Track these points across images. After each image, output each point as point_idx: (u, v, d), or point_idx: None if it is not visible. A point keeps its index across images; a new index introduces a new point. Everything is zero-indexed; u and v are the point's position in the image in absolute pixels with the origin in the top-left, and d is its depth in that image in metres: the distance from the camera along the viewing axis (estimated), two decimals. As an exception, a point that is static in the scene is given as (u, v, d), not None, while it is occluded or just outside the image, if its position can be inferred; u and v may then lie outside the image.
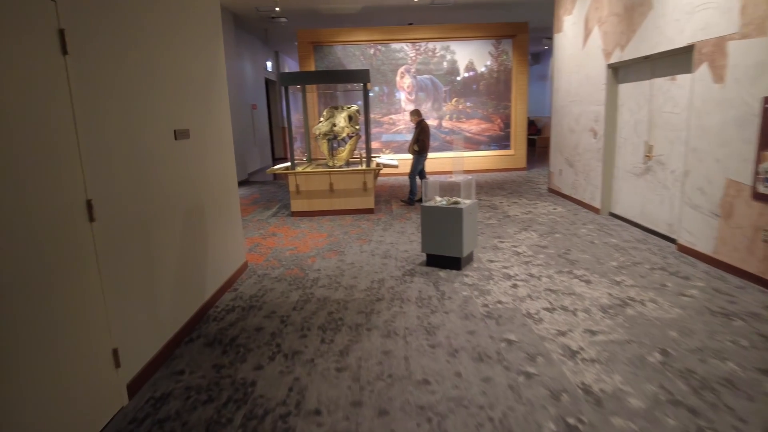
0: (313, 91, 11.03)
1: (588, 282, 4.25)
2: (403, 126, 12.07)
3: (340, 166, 7.74)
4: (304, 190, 7.23)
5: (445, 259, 4.63)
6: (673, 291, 3.98)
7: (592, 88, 7.13)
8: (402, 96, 11.99)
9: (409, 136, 11.95)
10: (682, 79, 5.09)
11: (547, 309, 3.69)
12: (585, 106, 7.39)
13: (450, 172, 11.55)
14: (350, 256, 5.19)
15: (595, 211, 7.05)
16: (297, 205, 7.30)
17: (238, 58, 12.46)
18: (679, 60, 5.14)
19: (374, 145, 11.94)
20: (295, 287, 4.30)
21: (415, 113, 7.86)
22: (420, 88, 11.93)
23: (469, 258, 4.80)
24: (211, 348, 3.23)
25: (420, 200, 8.16)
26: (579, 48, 7.51)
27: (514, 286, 4.19)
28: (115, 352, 2.52)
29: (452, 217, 4.46)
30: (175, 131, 3.38)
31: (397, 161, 8.43)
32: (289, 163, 7.52)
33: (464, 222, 4.44)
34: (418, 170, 7.96)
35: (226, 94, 4.55)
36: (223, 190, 4.33)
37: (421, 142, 7.73)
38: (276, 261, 5.12)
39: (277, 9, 10.15)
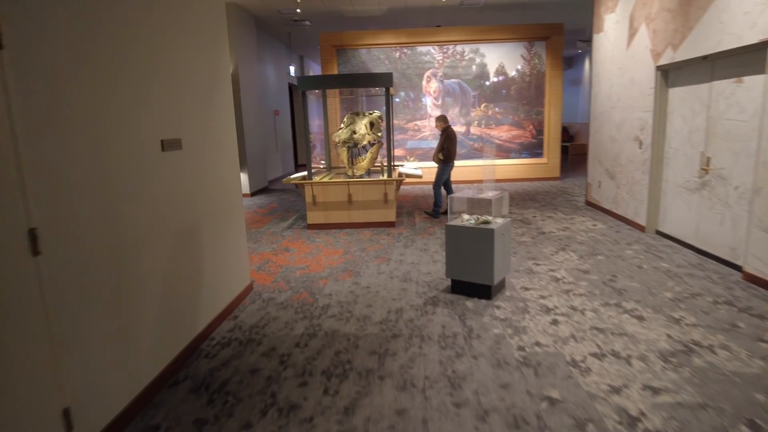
0: (335, 97, 10.61)
1: (640, 318, 3.62)
2: (428, 132, 11.53)
3: (360, 176, 7.25)
4: (320, 202, 6.77)
5: (473, 286, 4.07)
6: (748, 334, 3.32)
7: (637, 93, 6.45)
8: (428, 101, 11.46)
9: (435, 144, 11.40)
10: (752, 81, 4.41)
11: (595, 355, 3.09)
12: (628, 112, 6.71)
13: (479, 182, 10.94)
14: (366, 278, 4.67)
15: (640, 228, 6.36)
16: (313, 217, 6.84)
17: (260, 62, 12.16)
18: (747, 59, 4.46)
19: (398, 152, 11.43)
20: (302, 316, 3.81)
21: (441, 119, 7.32)
22: (447, 92, 11.38)
23: (501, 285, 4.23)
24: (196, 395, 2.76)
25: (445, 213, 7.60)
26: (622, 49, 6.85)
27: (555, 322, 3.60)
28: (66, 413, 2.07)
29: (482, 239, 3.90)
30: (162, 141, 2.94)
31: (420, 170, 7.90)
32: (305, 172, 7.08)
33: (496, 245, 3.88)
34: (443, 180, 7.41)
35: (230, 99, 4.11)
36: (224, 205, 3.89)
37: (447, 150, 7.19)
38: (284, 282, 4.65)
39: (298, 11, 9.78)
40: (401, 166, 8.62)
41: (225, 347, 3.34)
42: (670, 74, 5.80)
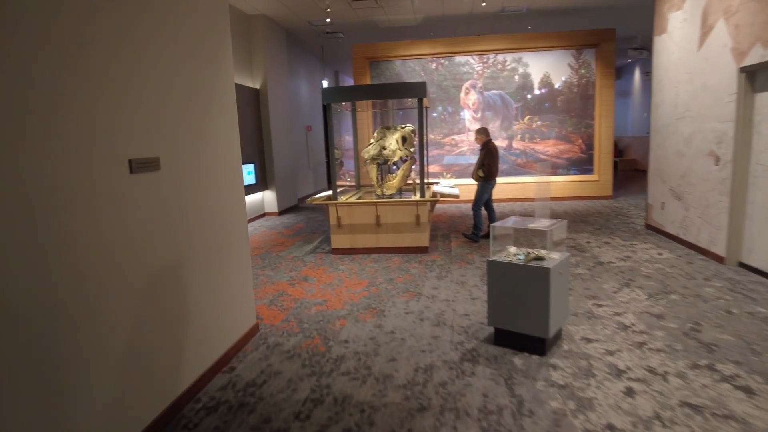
0: (366, 110, 10.05)
1: (748, 392, 2.74)
2: (467, 147, 10.78)
3: (390, 196, 6.59)
4: (346, 224, 6.13)
5: (522, 338, 3.29)
6: None
7: (712, 101, 5.52)
8: (466, 114, 10.72)
9: (474, 159, 10.64)
10: None
11: (695, 450, 2.26)
12: (701, 123, 5.78)
13: (522, 200, 10.06)
14: (391, 319, 3.96)
15: (718, 259, 5.38)
16: (338, 240, 6.21)
17: (291, 76, 11.79)
18: None
19: (434, 168, 10.73)
20: (309, 372, 3.13)
21: (482, 132, 6.58)
22: (487, 105, 10.62)
23: (557, 335, 3.43)
24: (158, 490, 2.11)
25: (486, 236, 6.81)
26: (692, 51, 5.94)
27: (629, 391, 2.77)
28: None
29: (535, 280, 3.13)
30: (130, 161, 2.36)
31: (457, 189, 7.16)
32: (327, 192, 6.48)
33: (552, 288, 3.10)
34: (483, 200, 6.64)
35: (232, 113, 3.54)
36: (222, 236, 3.29)
37: (487, 166, 6.43)
38: (296, 322, 4.00)
39: (328, 20, 9.31)
40: (436, 184, 7.90)
41: (210, 413, 2.70)
42: (758, 76, 4.87)
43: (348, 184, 8.35)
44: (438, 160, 10.83)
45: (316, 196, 6.77)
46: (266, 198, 9.85)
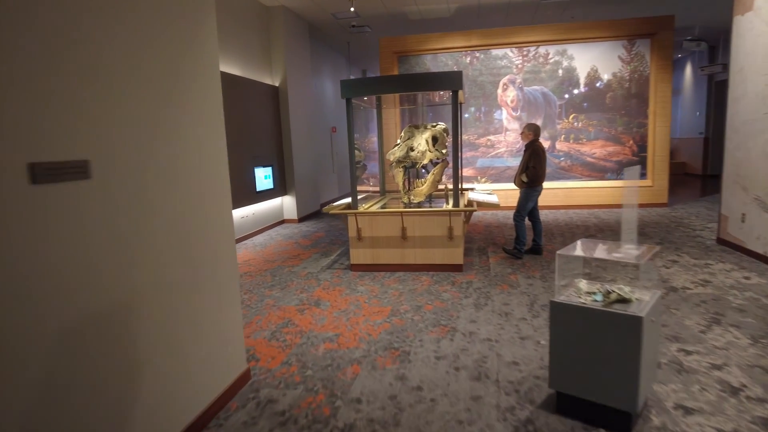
0: (393, 107, 9.22)
1: None
2: (504, 149, 9.82)
3: (419, 204, 5.75)
4: (367, 237, 5.33)
5: (596, 408, 2.39)
6: None
7: (817, 91, 4.46)
8: (504, 113, 9.77)
9: (512, 162, 9.68)
10: None
11: None
12: (801, 118, 4.71)
13: (566, 207, 8.96)
14: (418, 367, 3.12)
15: (827, 286, 4.32)
16: (358, 255, 5.40)
17: (315, 74, 11.10)
18: None
19: (467, 172, 9.81)
20: (307, 449, 2.32)
21: (531, 129, 5.66)
22: (527, 102, 9.65)
23: (643, 403, 2.51)
24: None
25: (532, 251, 5.88)
26: (787, 31, 4.88)
27: None
28: None
29: (619, 332, 2.24)
30: (32, 166, 1.60)
31: (496, 197, 6.25)
32: (348, 199, 5.69)
33: (644, 344, 2.19)
34: (528, 209, 5.72)
35: (216, 105, 2.78)
36: (197, 264, 2.52)
37: (532, 170, 5.51)
38: (298, 367, 3.20)
39: (352, 9, 8.54)
40: (471, 190, 7.00)
41: None
42: None
43: (371, 189, 7.55)
44: (471, 163, 9.92)
45: (335, 203, 5.99)
46: (285, 204, 9.16)
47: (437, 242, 5.19)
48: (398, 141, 5.97)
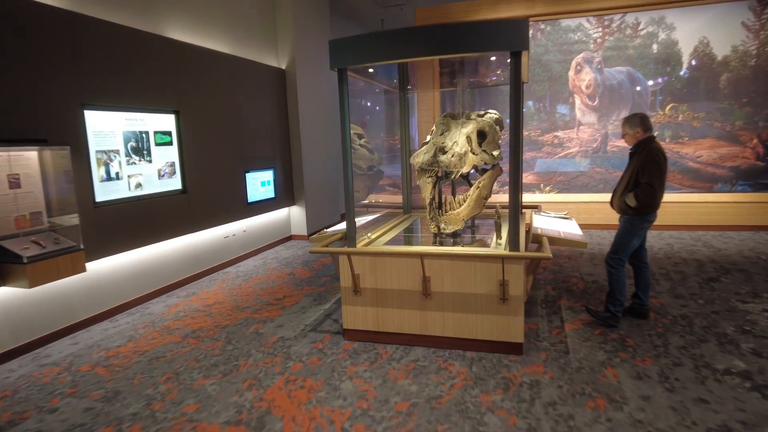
0: (431, 89, 7.17)
1: None
2: (576, 149, 7.55)
3: (454, 234, 3.72)
4: (368, 288, 3.36)
5: None
6: None
7: None
8: (576, 102, 7.50)
9: (586, 166, 7.39)
10: None
11: None
12: None
13: (679, 228, 6.26)
14: None
15: None
16: (354, 317, 3.44)
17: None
18: None
19: (524, 178, 7.62)
20: None
21: (637, 123, 3.47)
22: (608, 87, 7.33)
23: None
24: None
25: (633, 311, 3.72)
26: None
27: None
28: None
29: None
30: None
31: (575, 223, 4.12)
32: (343, 225, 3.76)
33: None
34: (631, 249, 3.54)
35: None
36: None
37: (646, 189, 3.33)
38: None
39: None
40: (535, 208, 4.85)
41: None
42: None
43: (385, 204, 5.55)
44: (530, 166, 7.71)
45: (330, 230, 4.07)
46: (293, 216, 7.33)
47: (481, 304, 3.14)
48: (428, 137, 3.95)
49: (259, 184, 6.35)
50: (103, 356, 3.47)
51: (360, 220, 4.47)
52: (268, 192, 6.57)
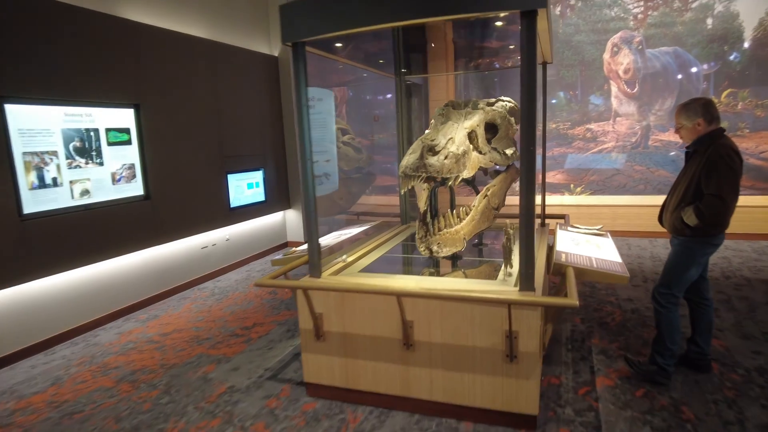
0: (444, 70, 6.30)
1: None
2: (612, 143, 6.56)
3: (453, 258, 2.90)
4: (333, 332, 2.57)
5: None
6: None
7: None
8: (612, 89, 6.50)
9: (622, 163, 6.39)
10: None
11: None
12: None
13: (746, 237, 5.11)
14: None
15: None
16: (317, 368, 2.66)
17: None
18: None
19: (550, 178, 6.68)
20: None
21: (698, 112, 2.54)
22: (651, 72, 6.30)
23: None
24: None
25: (696, 362, 2.82)
26: None
27: None
28: None
29: None
30: None
31: (611, 243, 3.22)
32: (304, 246, 3.00)
33: None
34: (687, 281, 2.62)
35: None
36: None
37: (713, 201, 2.41)
38: None
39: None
40: (561, 219, 3.95)
41: None
42: None
43: (379, 212, 4.73)
44: (559, 163, 6.75)
45: (296, 249, 3.31)
46: (290, 220, 6.61)
47: (480, 362, 2.31)
48: (428, 132, 3.11)
49: (245, 186, 5.64)
50: (9, 408, 2.80)
51: (343, 235, 3.68)
52: (257, 195, 5.85)
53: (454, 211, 2.91)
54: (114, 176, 4.08)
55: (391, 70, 4.22)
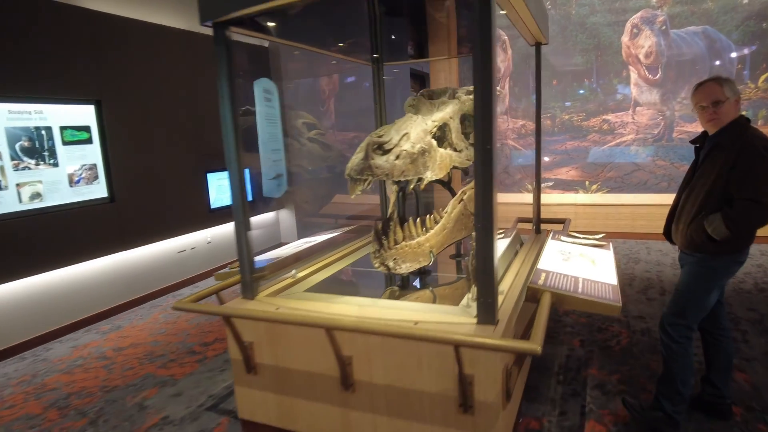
0: (445, 54, 5.82)
1: None
2: (631, 136, 5.95)
3: (421, 272, 2.48)
4: (266, 365, 2.17)
5: None
6: None
7: None
8: (632, 76, 5.88)
9: (646, 159, 5.79)
10: None
11: None
12: None
13: None
14: None
15: None
16: (249, 403, 2.28)
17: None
18: None
19: (565, 173, 6.12)
20: None
21: (732, 89, 2.02)
22: (676, 55, 5.66)
23: None
24: None
25: (713, 406, 2.30)
26: None
27: None
28: None
29: None
30: None
31: (611, 257, 2.72)
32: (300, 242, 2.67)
33: None
34: (707, 308, 2.11)
35: None
36: None
37: (750, 208, 1.89)
38: None
39: None
40: (557, 235, 3.45)
41: None
42: None
43: (353, 215, 4.32)
44: (573, 159, 6.18)
45: (230, 266, 2.95)
46: (283, 220, 6.27)
47: (430, 409, 1.88)
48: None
49: (229, 185, 5.30)
50: None
51: (309, 242, 3.29)
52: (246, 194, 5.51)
53: (418, 219, 2.47)
54: (72, 178, 3.79)
55: (369, 57, 3.76)
